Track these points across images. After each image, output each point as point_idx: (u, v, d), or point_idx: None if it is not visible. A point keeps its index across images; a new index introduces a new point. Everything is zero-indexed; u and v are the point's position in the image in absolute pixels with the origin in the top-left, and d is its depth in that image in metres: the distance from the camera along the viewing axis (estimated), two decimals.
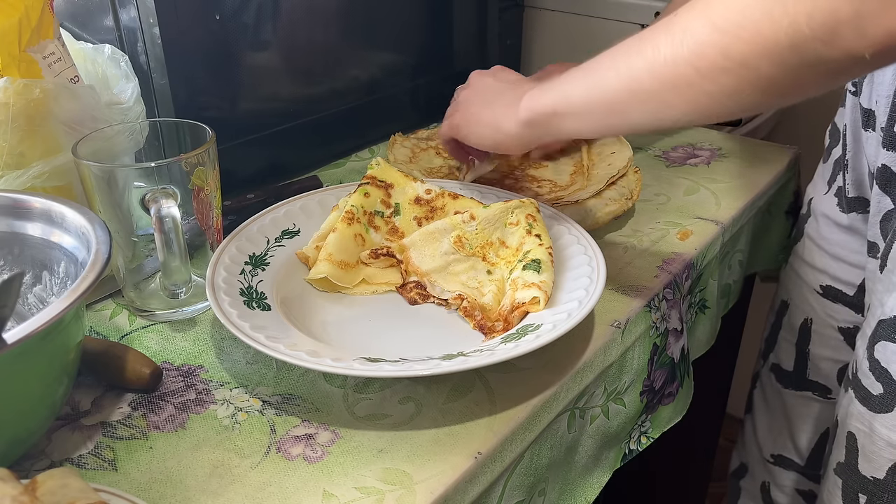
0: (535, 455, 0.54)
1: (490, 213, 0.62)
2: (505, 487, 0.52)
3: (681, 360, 0.71)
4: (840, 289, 0.81)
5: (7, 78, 0.54)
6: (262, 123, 0.82)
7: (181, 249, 0.54)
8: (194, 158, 0.55)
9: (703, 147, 0.94)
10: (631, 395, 0.65)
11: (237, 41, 0.76)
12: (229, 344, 0.58)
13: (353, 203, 0.65)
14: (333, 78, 0.88)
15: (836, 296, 0.81)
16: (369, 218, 0.65)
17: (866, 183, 0.75)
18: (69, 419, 0.51)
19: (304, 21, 0.82)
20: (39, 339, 0.40)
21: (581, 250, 0.61)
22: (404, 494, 0.45)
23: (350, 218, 0.63)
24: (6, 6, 0.55)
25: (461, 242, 0.62)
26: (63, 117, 0.57)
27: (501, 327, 0.56)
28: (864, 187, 0.76)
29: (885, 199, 0.69)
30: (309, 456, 0.48)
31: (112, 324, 0.60)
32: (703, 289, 0.77)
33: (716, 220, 0.76)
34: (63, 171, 0.57)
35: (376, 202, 0.66)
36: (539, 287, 0.56)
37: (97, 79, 0.64)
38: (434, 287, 0.61)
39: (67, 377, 0.48)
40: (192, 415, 0.51)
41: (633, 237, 0.73)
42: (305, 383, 0.54)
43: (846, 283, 0.80)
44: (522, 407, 0.52)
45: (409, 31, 0.96)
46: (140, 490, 0.45)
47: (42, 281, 0.54)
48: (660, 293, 0.65)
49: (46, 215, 0.52)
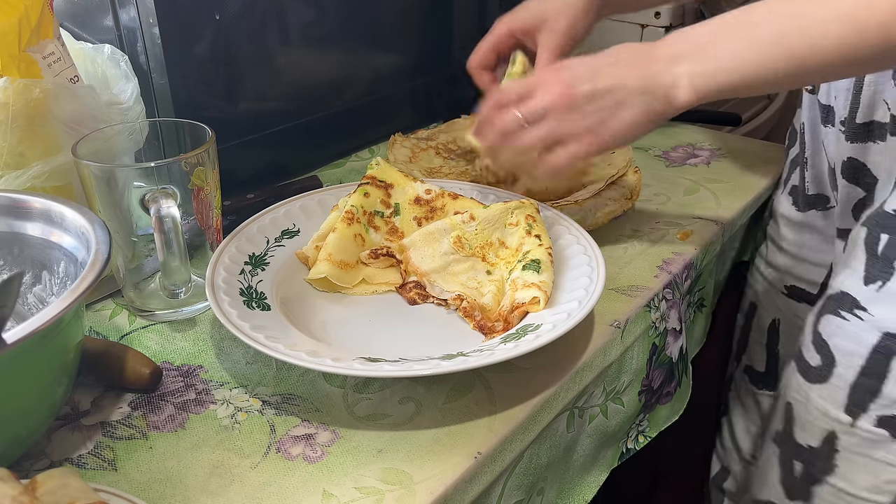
0: (535, 455, 0.54)
1: (490, 213, 0.62)
2: (504, 487, 0.52)
3: (679, 360, 0.71)
4: (804, 288, 0.82)
5: (7, 78, 0.54)
6: (262, 123, 0.82)
7: (181, 249, 0.54)
8: (194, 158, 0.55)
9: (703, 147, 0.94)
10: (629, 394, 0.65)
11: (237, 41, 0.76)
12: (229, 344, 0.58)
13: (353, 203, 0.65)
14: (333, 78, 0.88)
15: (800, 296, 0.83)
16: (369, 218, 0.65)
17: (826, 179, 0.76)
18: (69, 419, 0.51)
19: (304, 21, 0.82)
20: (39, 339, 0.40)
21: (581, 250, 0.61)
22: (404, 494, 0.45)
23: (350, 218, 0.63)
24: (6, 6, 0.55)
25: (461, 243, 0.62)
26: (63, 117, 0.57)
27: (501, 327, 0.56)
28: (825, 184, 0.77)
29: (854, 190, 0.70)
30: (309, 456, 0.48)
31: (112, 324, 0.60)
32: (701, 288, 0.77)
33: (716, 220, 0.76)
34: (63, 171, 0.57)
35: (376, 202, 0.66)
36: (539, 287, 0.56)
37: (97, 79, 0.64)
38: (434, 287, 0.61)
39: (67, 377, 0.48)
40: (191, 415, 0.51)
41: (633, 237, 0.73)
42: (305, 383, 0.54)
43: (809, 282, 0.82)
44: (522, 407, 0.52)
45: (409, 31, 0.96)
46: (140, 490, 0.45)
47: (42, 281, 0.54)
48: (659, 293, 0.65)
49: (46, 215, 0.52)
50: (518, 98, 0.58)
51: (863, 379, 0.62)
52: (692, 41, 0.55)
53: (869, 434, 0.63)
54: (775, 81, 0.54)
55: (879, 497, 0.64)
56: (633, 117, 0.56)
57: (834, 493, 0.67)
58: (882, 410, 0.61)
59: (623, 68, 0.56)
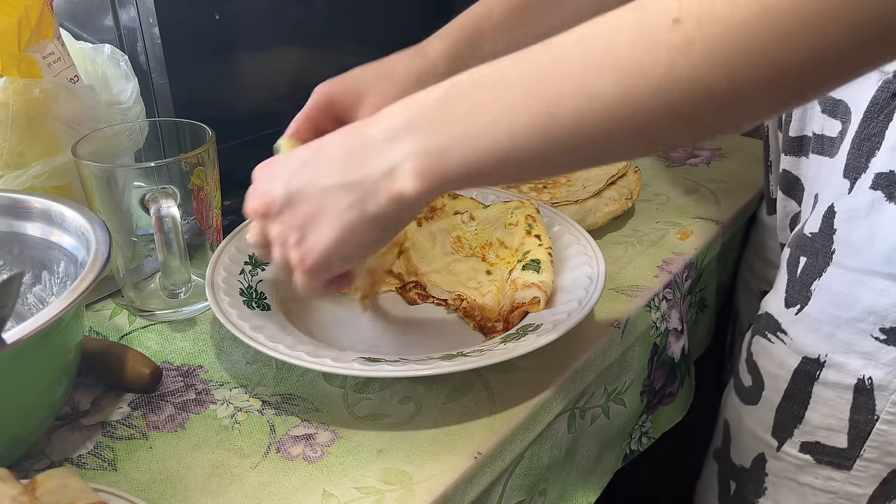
0: (535, 455, 0.54)
1: (490, 213, 0.62)
2: (505, 487, 0.52)
3: (681, 360, 0.71)
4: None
5: (7, 78, 0.54)
6: (262, 123, 0.82)
7: (181, 249, 0.54)
8: (194, 158, 0.55)
9: (703, 147, 0.93)
10: (631, 395, 0.65)
11: (237, 41, 0.76)
12: (229, 344, 0.58)
13: None
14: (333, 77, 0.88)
15: None
16: None
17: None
18: (69, 419, 0.51)
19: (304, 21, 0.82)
20: (39, 339, 0.40)
21: (581, 250, 0.61)
22: (404, 494, 0.45)
23: None
24: (6, 6, 0.55)
25: (461, 243, 0.62)
26: (63, 117, 0.57)
27: (501, 327, 0.56)
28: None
29: (790, 203, 0.69)
30: (309, 456, 0.48)
31: (112, 324, 0.60)
32: (702, 288, 0.77)
33: (716, 220, 0.76)
34: (63, 170, 0.57)
35: None
36: (539, 287, 0.56)
37: (97, 79, 0.64)
38: (434, 287, 0.61)
39: (67, 377, 0.48)
40: (191, 415, 0.51)
41: (633, 237, 0.73)
42: (305, 383, 0.54)
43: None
44: (522, 407, 0.51)
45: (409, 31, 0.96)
46: (140, 490, 0.45)
47: (42, 281, 0.54)
48: (660, 293, 0.65)
49: (46, 215, 0.52)
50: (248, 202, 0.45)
51: (786, 403, 0.61)
52: (418, 105, 0.39)
53: (794, 459, 0.62)
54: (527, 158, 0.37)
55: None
56: (335, 228, 0.41)
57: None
58: (805, 437, 0.61)
59: (321, 161, 0.42)
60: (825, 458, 0.61)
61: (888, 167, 0.52)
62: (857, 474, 0.60)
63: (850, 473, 0.60)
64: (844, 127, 0.57)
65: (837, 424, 0.60)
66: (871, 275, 0.55)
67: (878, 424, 0.58)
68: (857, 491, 0.61)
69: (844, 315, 0.56)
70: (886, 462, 0.59)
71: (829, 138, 0.59)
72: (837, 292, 0.57)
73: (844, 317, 0.56)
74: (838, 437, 0.60)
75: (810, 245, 0.59)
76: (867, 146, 0.54)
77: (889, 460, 0.59)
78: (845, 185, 0.56)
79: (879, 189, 0.53)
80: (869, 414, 0.58)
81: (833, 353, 0.58)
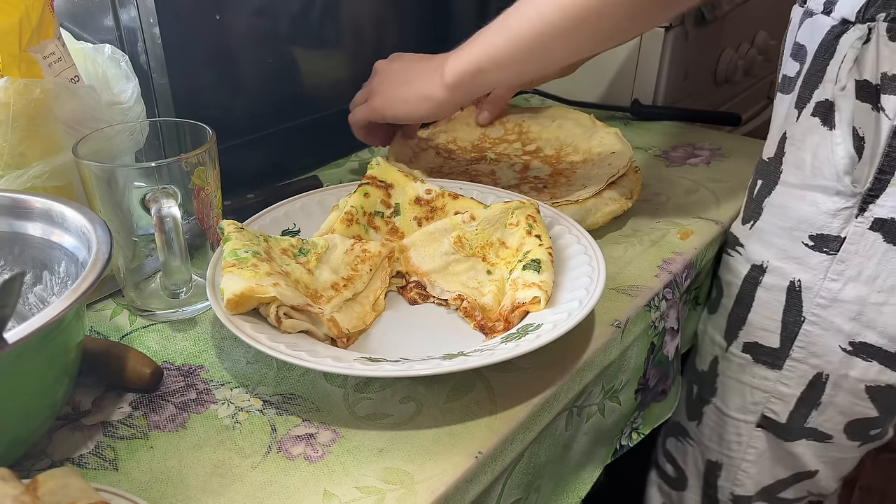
0: (535, 454, 0.54)
1: (490, 213, 0.62)
2: (504, 486, 0.52)
3: (674, 358, 0.71)
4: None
5: (7, 78, 0.54)
6: (262, 123, 0.82)
7: (181, 249, 0.54)
8: (194, 158, 0.55)
9: (703, 147, 0.94)
10: (626, 393, 0.65)
11: (237, 41, 0.76)
12: (230, 344, 0.58)
13: (353, 203, 0.65)
14: (333, 77, 0.88)
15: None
16: (369, 218, 0.65)
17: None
18: (70, 419, 0.51)
19: (304, 21, 0.82)
20: (40, 339, 0.40)
21: (581, 250, 0.61)
22: (405, 494, 0.45)
23: (349, 220, 0.63)
24: (6, 6, 0.55)
25: (461, 243, 0.62)
26: (63, 117, 0.57)
27: (502, 327, 0.56)
28: None
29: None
30: (310, 455, 0.48)
31: (112, 324, 0.60)
32: (698, 287, 0.77)
33: (716, 220, 0.76)
34: (63, 170, 0.57)
35: (376, 202, 0.66)
36: (539, 287, 0.56)
37: (97, 79, 0.64)
38: (434, 287, 0.61)
39: (68, 377, 0.48)
40: (192, 414, 0.51)
41: (633, 237, 0.73)
42: (306, 383, 0.54)
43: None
44: (523, 406, 0.52)
45: (409, 31, 0.96)
46: (141, 490, 0.45)
47: (42, 281, 0.54)
48: (660, 293, 0.65)
49: (47, 215, 0.52)
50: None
51: (736, 308, 0.72)
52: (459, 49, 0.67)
53: (737, 358, 0.73)
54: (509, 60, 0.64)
55: (747, 416, 0.74)
56: (403, 92, 0.72)
57: (716, 413, 0.77)
58: (747, 337, 0.71)
59: (419, 60, 0.72)
60: (761, 357, 0.71)
61: (824, 97, 0.61)
62: (787, 374, 0.69)
63: (780, 373, 0.70)
64: (801, 67, 0.65)
65: (772, 325, 0.69)
66: (805, 188, 0.64)
67: (805, 325, 0.66)
68: (786, 391, 0.70)
69: (784, 225, 0.66)
70: (812, 363, 0.67)
71: (789, 77, 0.67)
72: (780, 206, 0.66)
73: (784, 226, 0.66)
74: (772, 336, 0.69)
75: (765, 168, 0.69)
76: (813, 80, 0.62)
77: (814, 361, 0.67)
78: (795, 114, 0.64)
79: (817, 115, 0.62)
80: (797, 315, 0.67)
81: (773, 259, 0.67)
